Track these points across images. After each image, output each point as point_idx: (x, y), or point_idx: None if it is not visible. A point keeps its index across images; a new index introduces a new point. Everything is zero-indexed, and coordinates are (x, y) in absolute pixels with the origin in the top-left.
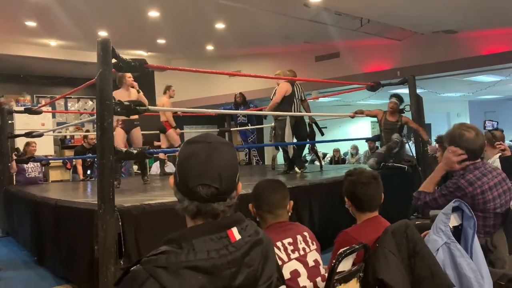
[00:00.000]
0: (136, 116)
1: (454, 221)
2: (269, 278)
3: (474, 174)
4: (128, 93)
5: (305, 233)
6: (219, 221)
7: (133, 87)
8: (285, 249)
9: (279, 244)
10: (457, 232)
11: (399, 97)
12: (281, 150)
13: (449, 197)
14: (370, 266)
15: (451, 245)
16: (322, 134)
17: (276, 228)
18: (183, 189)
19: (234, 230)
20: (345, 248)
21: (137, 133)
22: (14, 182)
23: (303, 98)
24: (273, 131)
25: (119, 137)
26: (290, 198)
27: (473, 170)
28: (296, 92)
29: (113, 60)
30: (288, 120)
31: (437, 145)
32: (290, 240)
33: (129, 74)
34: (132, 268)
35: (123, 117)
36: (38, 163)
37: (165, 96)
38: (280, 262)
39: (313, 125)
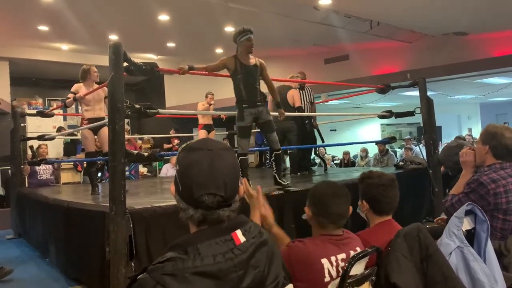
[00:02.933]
0: (103, 114)
1: (467, 224)
2: (276, 278)
3: (499, 174)
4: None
5: (358, 249)
6: (222, 224)
7: (97, 83)
8: (337, 266)
9: (333, 259)
10: (470, 236)
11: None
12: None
13: (472, 195)
14: (383, 270)
15: (464, 249)
16: (323, 141)
17: (334, 240)
18: (187, 198)
19: (238, 233)
20: (357, 252)
21: (104, 134)
22: (27, 184)
23: (312, 101)
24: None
25: (86, 141)
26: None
27: (498, 169)
28: (306, 95)
29: (124, 64)
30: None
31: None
32: (343, 256)
33: (94, 69)
34: (139, 277)
35: (90, 115)
36: (50, 166)
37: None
38: (328, 278)
39: (315, 130)
